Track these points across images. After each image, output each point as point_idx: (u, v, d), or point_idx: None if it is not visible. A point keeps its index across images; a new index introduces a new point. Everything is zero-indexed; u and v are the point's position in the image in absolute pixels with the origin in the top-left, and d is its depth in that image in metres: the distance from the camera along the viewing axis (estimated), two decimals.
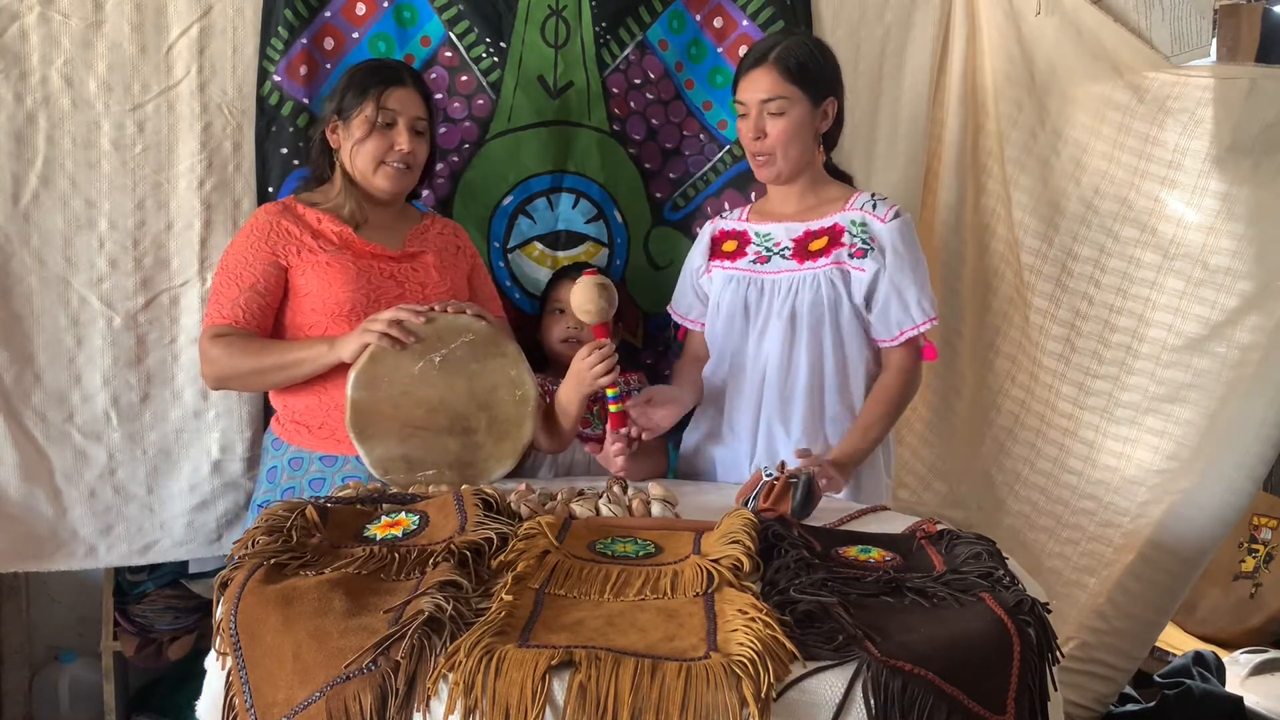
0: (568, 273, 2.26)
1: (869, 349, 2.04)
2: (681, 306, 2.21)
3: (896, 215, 2.00)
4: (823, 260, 1.99)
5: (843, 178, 2.13)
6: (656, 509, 1.59)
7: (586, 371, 1.89)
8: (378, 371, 1.83)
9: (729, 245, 2.12)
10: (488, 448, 1.90)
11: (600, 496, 1.62)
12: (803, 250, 2.02)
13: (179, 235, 2.17)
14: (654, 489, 1.64)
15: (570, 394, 1.95)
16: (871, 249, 1.97)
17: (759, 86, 1.98)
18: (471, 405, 1.88)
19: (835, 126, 2.07)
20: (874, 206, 2.01)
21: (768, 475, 1.69)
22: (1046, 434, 2.45)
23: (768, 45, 2.01)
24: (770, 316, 2.03)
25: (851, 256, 1.98)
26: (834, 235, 2.00)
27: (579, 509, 1.57)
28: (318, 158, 2.06)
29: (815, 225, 2.03)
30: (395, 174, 2.00)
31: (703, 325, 2.16)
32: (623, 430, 1.92)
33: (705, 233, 2.18)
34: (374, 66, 2.04)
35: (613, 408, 1.90)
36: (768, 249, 2.06)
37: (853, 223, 2.00)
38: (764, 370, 2.03)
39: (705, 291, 2.15)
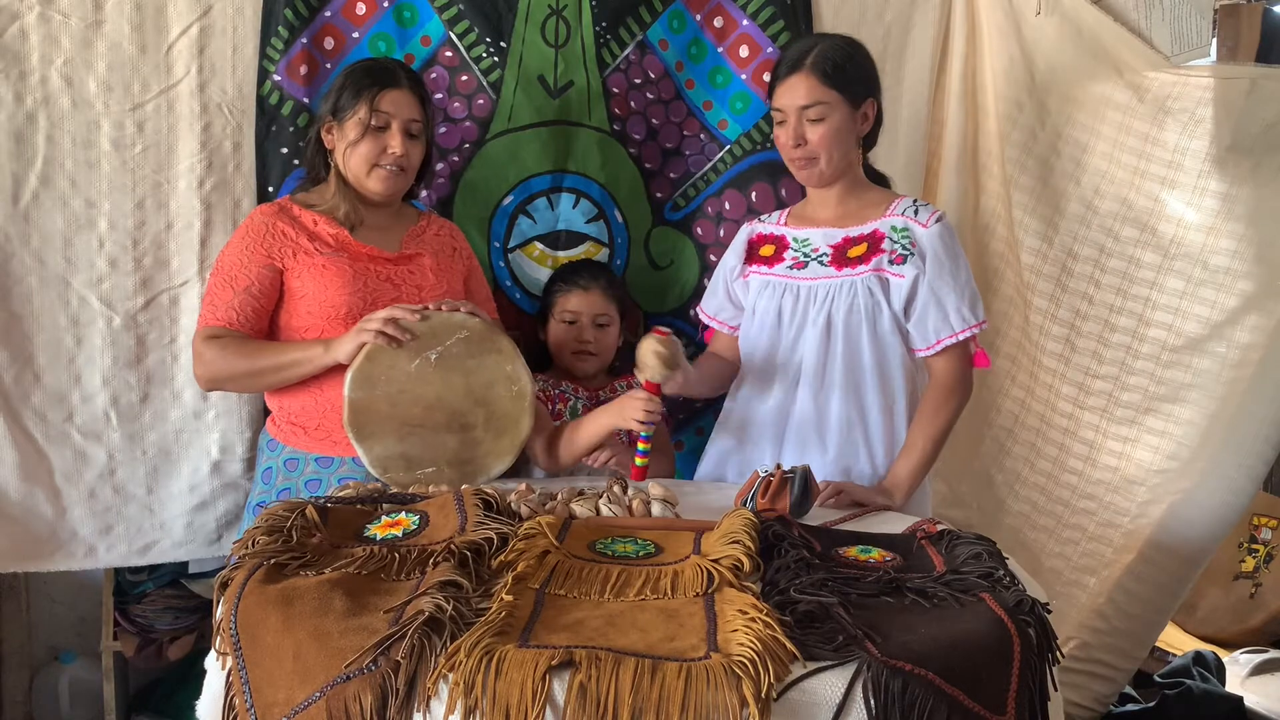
0: (571, 279, 2.24)
1: (911, 359, 1.99)
2: (710, 307, 2.16)
3: (939, 220, 1.94)
4: (862, 268, 1.94)
5: (880, 180, 2.09)
6: (656, 509, 1.59)
7: (631, 410, 1.88)
8: (374, 370, 1.83)
9: (766, 250, 2.07)
10: (486, 444, 1.90)
11: (600, 496, 1.62)
12: (841, 257, 1.97)
13: (179, 235, 2.17)
14: (654, 489, 1.64)
15: (599, 422, 1.95)
16: (911, 254, 1.92)
17: (797, 93, 1.92)
18: (468, 401, 1.89)
19: (875, 127, 2.02)
20: (916, 212, 1.95)
21: (764, 473, 1.69)
22: (1046, 434, 2.45)
23: (803, 50, 1.95)
24: (805, 324, 1.98)
25: (891, 263, 1.93)
26: (874, 242, 1.96)
27: (579, 509, 1.57)
28: (313, 157, 2.04)
29: (855, 231, 1.98)
30: (388, 176, 1.98)
31: (731, 329, 2.12)
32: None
33: (742, 235, 2.13)
34: (368, 67, 2.01)
35: (639, 461, 1.90)
36: (805, 254, 2.01)
37: (893, 228, 1.95)
38: (796, 378, 2.00)
39: (739, 296, 2.10)
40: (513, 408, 1.92)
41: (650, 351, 1.84)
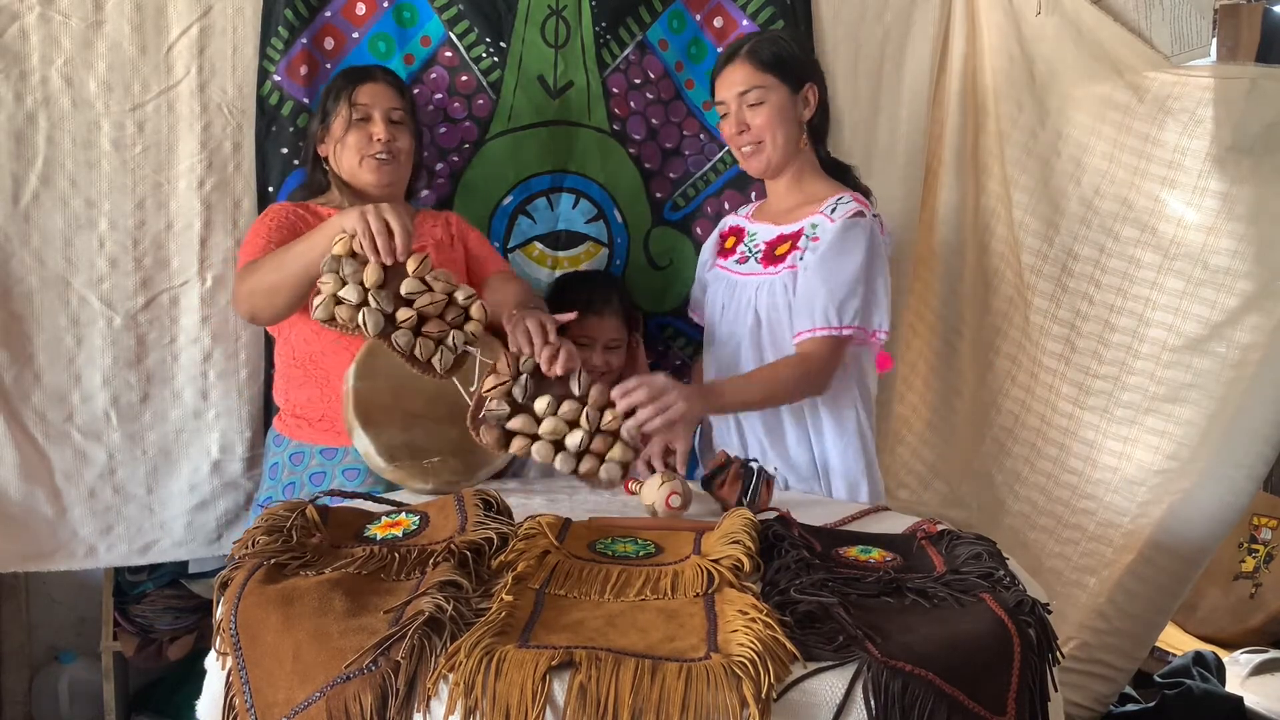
0: (585, 305, 2.16)
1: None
2: (695, 306, 2.23)
3: (849, 216, 1.89)
4: (781, 266, 1.96)
5: (843, 172, 2.09)
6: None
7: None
8: (376, 363, 1.85)
9: (729, 242, 2.13)
10: None
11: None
12: (770, 254, 2.01)
13: (179, 235, 2.17)
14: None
15: None
16: (813, 249, 1.91)
17: (734, 80, 1.97)
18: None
19: (821, 116, 2.04)
20: (834, 210, 1.92)
21: (730, 457, 1.71)
22: (1047, 434, 2.45)
23: (738, 43, 2.01)
24: (738, 321, 2.02)
25: (801, 259, 1.93)
26: (795, 239, 1.97)
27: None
28: (313, 170, 2.08)
29: (788, 229, 2.01)
30: (378, 165, 2.01)
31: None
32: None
33: (718, 228, 2.20)
34: (344, 71, 2.08)
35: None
36: (750, 250, 2.06)
37: (812, 226, 1.95)
38: (733, 372, 2.02)
39: (700, 290, 2.18)
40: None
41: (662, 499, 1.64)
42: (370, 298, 1.66)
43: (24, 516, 2.14)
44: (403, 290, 1.68)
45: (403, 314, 1.68)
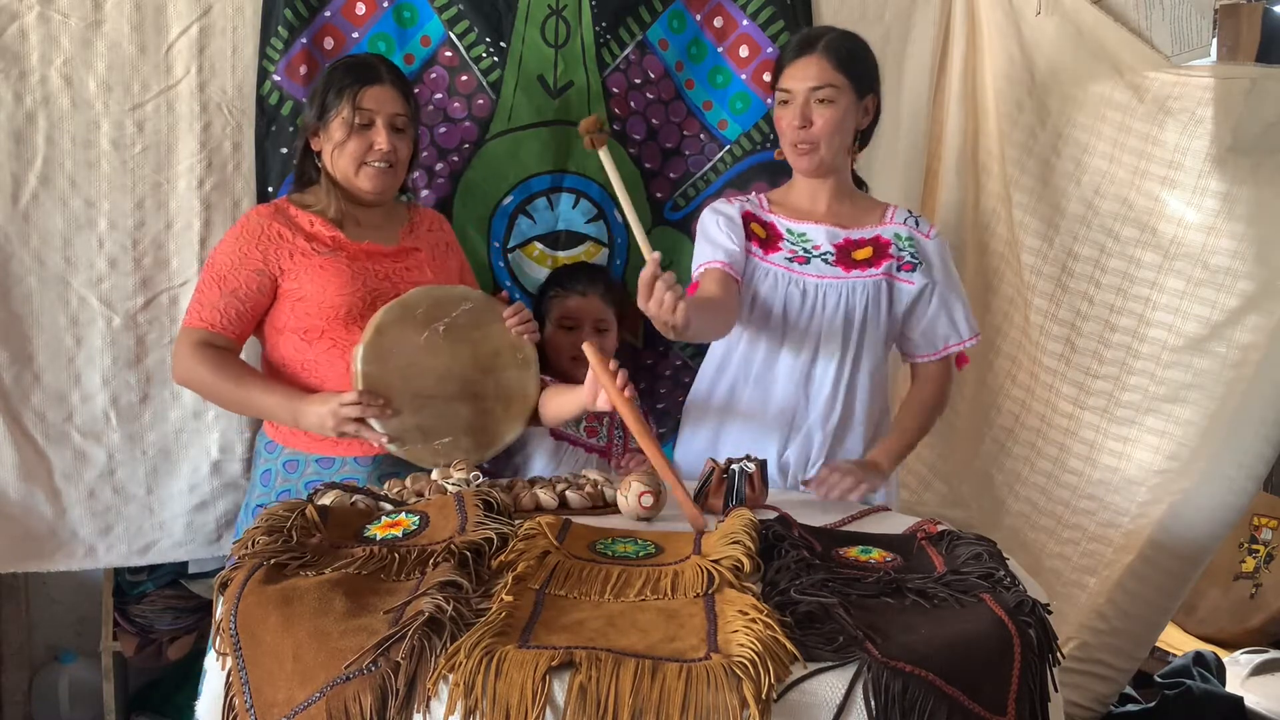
0: (569, 284, 2.24)
1: (886, 360, 2.06)
2: (721, 256, 1.97)
3: (938, 233, 2.07)
4: (872, 270, 1.98)
5: (860, 185, 2.13)
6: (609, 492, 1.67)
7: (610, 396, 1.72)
8: (385, 344, 1.84)
9: (758, 230, 2.03)
10: (497, 412, 1.92)
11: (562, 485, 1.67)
12: (846, 258, 1.99)
13: (178, 235, 2.17)
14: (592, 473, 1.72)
15: (574, 401, 1.87)
16: (920, 263, 2.00)
17: (809, 74, 1.93)
18: (477, 371, 1.91)
19: (872, 124, 2.04)
20: (916, 223, 2.05)
21: (715, 464, 1.72)
22: (1047, 434, 2.45)
23: (816, 34, 1.99)
24: (820, 321, 1.98)
25: (900, 269, 1.99)
26: (879, 247, 2.00)
27: (543, 495, 1.63)
28: (301, 162, 2.02)
29: (857, 234, 2.01)
30: (377, 174, 1.96)
31: (723, 264, 1.95)
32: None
33: (733, 210, 2.03)
34: (349, 65, 1.98)
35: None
36: (806, 250, 2.00)
37: (897, 235, 2.01)
38: (807, 374, 1.99)
39: (739, 250, 1.98)
40: (519, 375, 1.95)
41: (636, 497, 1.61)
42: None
43: (24, 517, 2.14)
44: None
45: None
